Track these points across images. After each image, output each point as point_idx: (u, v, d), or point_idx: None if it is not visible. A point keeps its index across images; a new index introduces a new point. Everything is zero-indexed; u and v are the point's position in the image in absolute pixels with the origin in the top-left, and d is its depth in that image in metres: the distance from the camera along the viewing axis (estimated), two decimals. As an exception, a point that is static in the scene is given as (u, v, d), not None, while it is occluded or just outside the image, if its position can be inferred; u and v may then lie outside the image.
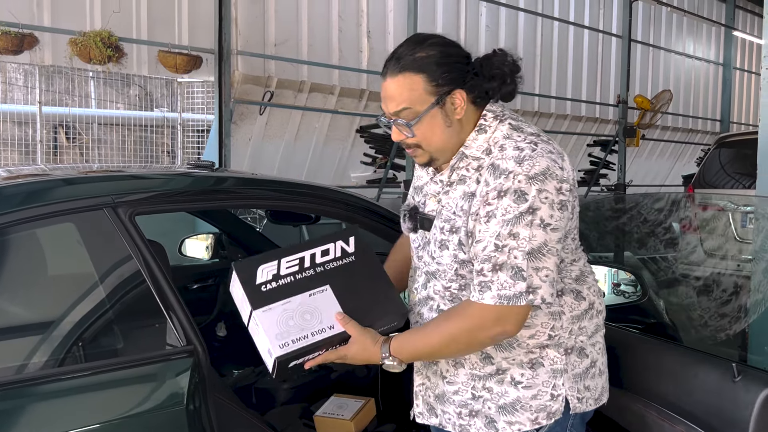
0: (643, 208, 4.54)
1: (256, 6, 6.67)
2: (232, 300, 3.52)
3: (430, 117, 1.53)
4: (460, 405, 1.62)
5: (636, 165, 11.32)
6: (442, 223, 1.58)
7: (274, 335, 1.49)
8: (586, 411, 1.62)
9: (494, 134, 1.56)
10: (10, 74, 8.30)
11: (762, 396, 1.57)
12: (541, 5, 9.50)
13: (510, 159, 1.48)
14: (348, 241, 1.66)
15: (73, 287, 1.85)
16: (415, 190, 1.75)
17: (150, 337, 1.81)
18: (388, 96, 1.55)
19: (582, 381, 1.61)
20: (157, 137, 8.52)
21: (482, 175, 1.51)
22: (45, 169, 2.33)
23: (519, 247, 1.44)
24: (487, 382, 1.59)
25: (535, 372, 1.56)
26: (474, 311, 1.49)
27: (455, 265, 1.56)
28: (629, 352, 1.94)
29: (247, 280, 1.56)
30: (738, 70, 13.67)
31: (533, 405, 1.56)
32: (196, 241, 3.80)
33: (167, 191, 2.02)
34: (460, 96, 1.53)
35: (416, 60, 1.51)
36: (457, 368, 1.62)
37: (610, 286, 3.34)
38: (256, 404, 2.84)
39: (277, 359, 1.48)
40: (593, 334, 1.64)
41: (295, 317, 1.52)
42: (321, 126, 7.39)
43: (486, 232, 1.47)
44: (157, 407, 1.71)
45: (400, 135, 1.57)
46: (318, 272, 1.60)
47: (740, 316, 3.15)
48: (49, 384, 1.66)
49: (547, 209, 1.45)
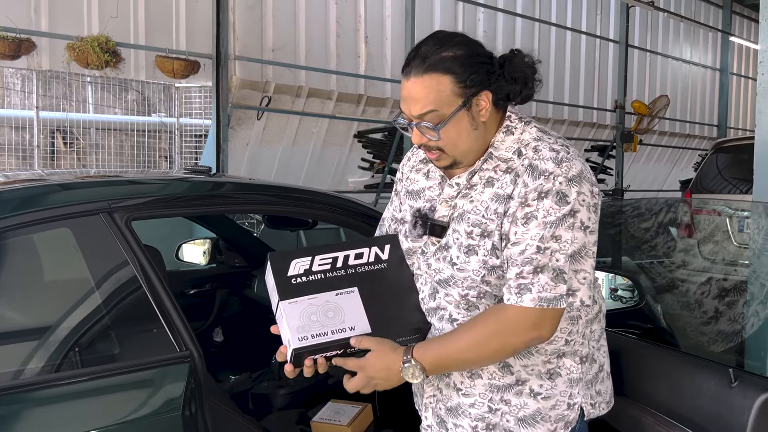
0: (641, 213, 4.54)
1: (254, 11, 6.68)
2: (229, 305, 3.51)
3: (456, 120, 1.47)
4: (477, 419, 1.55)
5: (633, 170, 11.35)
6: (470, 228, 1.50)
7: (295, 327, 1.51)
8: (600, 415, 1.61)
9: (523, 136, 1.52)
10: (8, 79, 8.30)
11: (759, 401, 1.57)
12: (538, 11, 9.53)
13: (548, 160, 1.45)
14: (383, 248, 1.65)
15: (69, 292, 1.85)
16: (411, 196, 1.68)
17: (146, 343, 1.80)
18: (412, 97, 1.47)
19: (593, 386, 1.59)
20: (154, 142, 8.52)
21: (519, 177, 1.47)
22: (42, 174, 2.33)
23: (561, 250, 1.42)
24: (505, 394, 1.54)
25: (554, 382, 1.53)
26: (510, 314, 1.44)
27: (483, 272, 1.49)
28: (626, 358, 1.94)
29: (279, 272, 1.57)
30: (735, 76, 13.71)
31: (552, 415, 1.53)
32: (193, 246, 3.79)
33: (163, 196, 2.02)
34: (485, 98, 1.48)
35: (443, 60, 1.45)
36: (474, 379, 1.55)
37: (608, 291, 3.35)
38: (253, 410, 2.83)
39: (294, 351, 1.50)
40: (599, 338, 1.63)
41: (318, 313, 1.54)
42: (319, 131, 7.39)
43: (526, 234, 1.43)
44: (153, 413, 1.70)
45: (423, 138, 1.51)
46: (348, 273, 1.60)
47: (737, 321, 3.15)
48: (44, 390, 1.65)
49: (585, 212, 1.44)
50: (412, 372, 1.48)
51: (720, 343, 2.98)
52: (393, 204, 1.77)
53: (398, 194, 1.74)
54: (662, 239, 4.57)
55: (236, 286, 3.44)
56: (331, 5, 7.34)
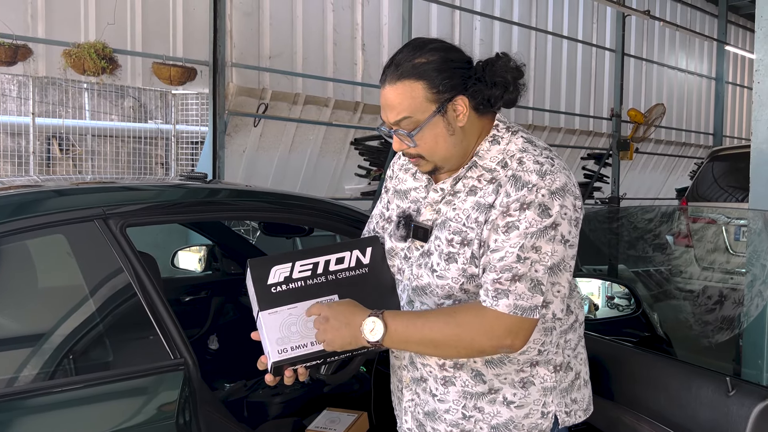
0: (636, 221, 4.54)
1: (251, 19, 6.69)
2: (225, 313, 3.48)
3: (431, 126, 1.48)
4: (451, 424, 1.57)
5: (630, 178, 11.37)
6: (450, 235, 1.51)
7: (274, 339, 1.50)
8: (575, 423, 1.61)
9: (508, 146, 1.52)
10: (4, 85, 8.29)
11: (756, 410, 1.57)
12: (535, 19, 9.57)
13: (532, 172, 1.45)
14: (365, 252, 1.64)
15: (63, 299, 1.84)
16: (398, 195, 1.69)
17: (140, 350, 1.80)
18: (388, 105, 1.49)
19: (569, 394, 1.60)
20: (151, 149, 8.51)
21: (501, 187, 1.47)
22: (37, 181, 2.32)
23: (541, 261, 1.42)
24: (478, 402, 1.55)
25: (527, 391, 1.54)
26: (487, 316, 1.43)
27: (462, 279, 1.50)
28: (622, 366, 1.94)
29: (259, 279, 1.56)
30: (731, 85, 13.77)
31: (525, 424, 1.54)
32: (189, 253, 3.79)
33: (158, 203, 2.01)
34: (462, 102, 1.48)
35: (415, 66, 1.46)
36: (447, 386, 1.57)
37: (604, 299, 3.34)
38: (248, 418, 2.82)
39: (273, 363, 1.50)
40: (576, 346, 1.63)
41: (299, 324, 1.52)
42: (315, 138, 7.40)
43: (506, 242, 1.42)
44: (147, 421, 1.69)
45: (402, 145, 1.52)
46: (329, 280, 1.59)
47: (733, 329, 3.15)
48: (37, 398, 1.64)
49: (566, 225, 1.44)
50: (372, 327, 1.44)
51: (717, 351, 2.98)
52: (382, 201, 1.78)
53: (387, 192, 1.75)
54: (658, 247, 4.57)
55: (232, 294, 3.43)
56: (329, 13, 7.36)
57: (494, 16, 8.83)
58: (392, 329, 1.45)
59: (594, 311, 3.26)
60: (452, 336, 1.44)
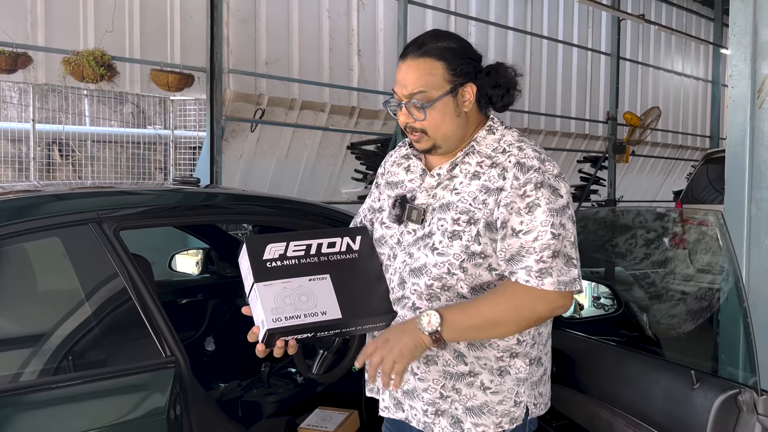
0: (630, 222, 4.59)
1: (248, 25, 6.76)
2: (221, 315, 3.52)
3: (443, 103, 1.60)
4: (428, 403, 1.64)
5: (626, 181, 11.41)
6: (457, 215, 1.59)
7: (270, 309, 1.57)
8: (539, 415, 1.69)
9: (505, 137, 1.65)
10: (5, 92, 8.37)
11: (718, 402, 1.63)
12: (530, 24, 9.63)
13: (534, 158, 1.57)
14: (355, 239, 1.74)
15: (58, 300, 1.90)
16: (390, 186, 1.78)
17: (132, 348, 1.85)
18: (405, 78, 1.61)
19: (537, 388, 1.68)
20: (150, 154, 8.58)
21: (508, 171, 1.57)
22: (37, 186, 2.38)
23: (567, 237, 1.53)
24: (456, 383, 1.63)
25: (503, 379, 1.62)
26: (534, 295, 1.52)
27: (463, 256, 1.57)
28: (598, 361, 2.00)
29: (255, 255, 1.64)
30: (726, 87, 13.75)
31: (499, 410, 1.62)
32: (186, 256, 3.84)
33: (152, 207, 2.08)
34: (470, 90, 1.62)
35: (439, 48, 1.60)
36: (429, 365, 1.64)
37: (590, 299, 3.41)
38: (242, 417, 2.87)
39: (268, 331, 1.56)
40: (546, 342, 1.72)
41: (292, 297, 1.60)
42: (312, 143, 7.45)
43: (534, 221, 1.52)
44: (138, 417, 1.75)
45: (409, 118, 1.63)
46: (321, 261, 1.67)
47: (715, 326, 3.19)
48: (30, 394, 1.70)
49: (571, 206, 1.58)
50: (428, 319, 1.52)
51: (696, 346, 3.02)
52: (372, 196, 1.87)
53: (378, 186, 1.85)
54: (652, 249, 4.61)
55: (228, 296, 3.48)
56: (325, 19, 7.42)
57: (490, 21, 8.89)
58: (449, 319, 1.53)
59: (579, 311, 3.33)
60: (511, 310, 1.53)
